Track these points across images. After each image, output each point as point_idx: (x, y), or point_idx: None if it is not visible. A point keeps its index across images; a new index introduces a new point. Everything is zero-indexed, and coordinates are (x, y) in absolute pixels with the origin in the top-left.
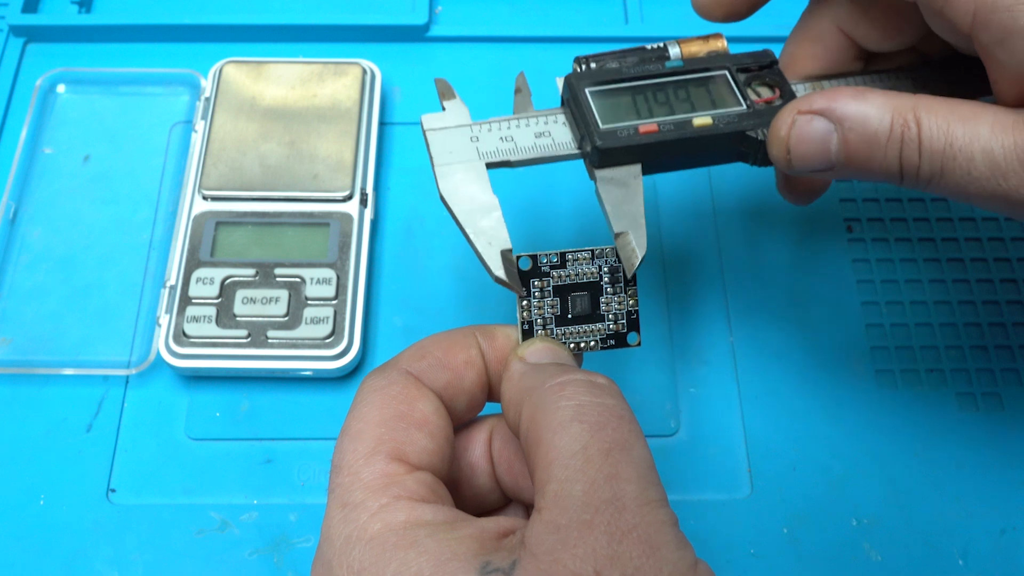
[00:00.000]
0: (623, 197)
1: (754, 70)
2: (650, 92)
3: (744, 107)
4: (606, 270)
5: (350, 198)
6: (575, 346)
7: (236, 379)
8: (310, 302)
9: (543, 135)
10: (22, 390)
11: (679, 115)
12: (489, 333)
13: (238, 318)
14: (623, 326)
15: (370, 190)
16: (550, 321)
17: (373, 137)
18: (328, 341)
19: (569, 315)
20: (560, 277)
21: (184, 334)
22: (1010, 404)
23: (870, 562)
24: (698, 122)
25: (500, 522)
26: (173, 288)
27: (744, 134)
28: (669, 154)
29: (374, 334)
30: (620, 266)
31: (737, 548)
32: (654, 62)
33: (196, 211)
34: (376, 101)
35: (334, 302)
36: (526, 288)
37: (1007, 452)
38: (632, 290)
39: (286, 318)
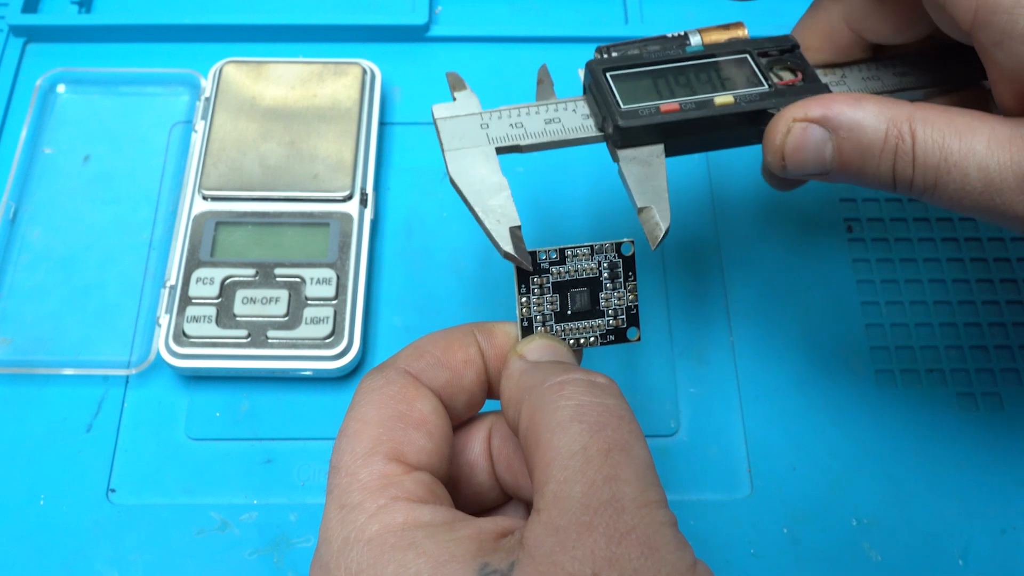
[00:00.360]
0: (646, 174)
1: (775, 54)
2: (671, 75)
3: (766, 87)
4: (605, 266)
5: (350, 198)
6: (575, 342)
7: (236, 379)
8: (310, 302)
9: (553, 121)
10: (22, 390)
11: (701, 95)
12: (488, 331)
13: (238, 318)
14: (623, 321)
15: (370, 190)
16: (550, 318)
17: (373, 137)
18: (328, 341)
19: (569, 311)
20: (559, 273)
21: (184, 334)
22: (1010, 404)
23: (870, 562)
24: (720, 100)
25: (499, 522)
26: (173, 288)
27: (766, 112)
28: (691, 133)
29: (374, 334)
30: (620, 261)
31: (737, 548)
32: (675, 49)
33: (196, 211)
34: (376, 101)
35: (334, 302)
36: (525, 285)
37: (1007, 452)
38: (632, 285)
39: (286, 318)
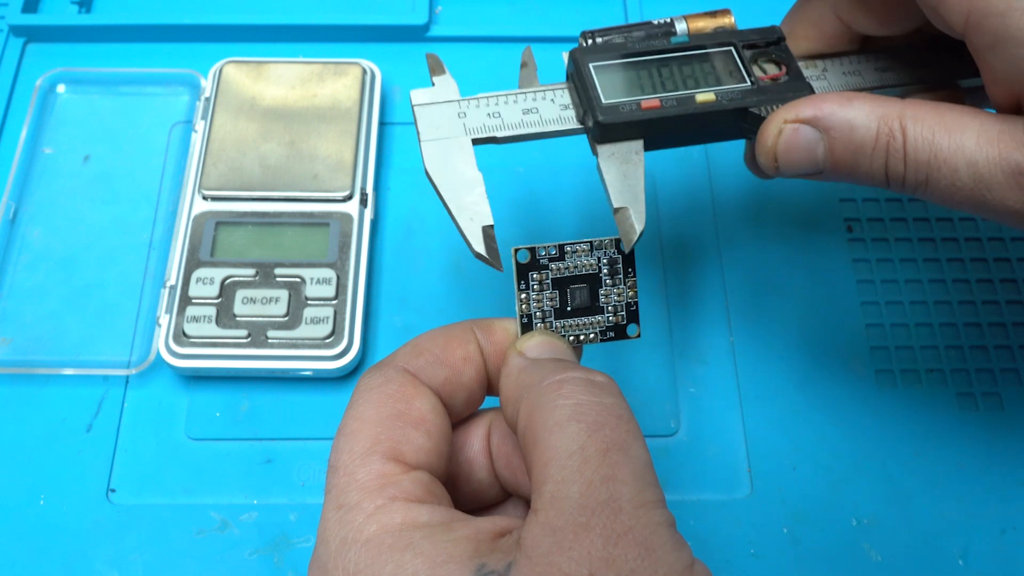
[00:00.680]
0: (624, 173)
1: (761, 46)
2: (654, 67)
3: (748, 84)
4: (605, 262)
5: (350, 198)
6: (574, 339)
7: (236, 379)
8: (310, 302)
9: (531, 111)
10: (22, 390)
11: (682, 91)
12: (487, 327)
13: (238, 318)
14: (623, 318)
15: (370, 190)
16: (549, 314)
17: (373, 137)
18: (328, 341)
19: (568, 308)
20: (559, 270)
21: (184, 334)
22: (1010, 404)
23: (870, 562)
24: (701, 98)
25: (497, 522)
26: (173, 288)
27: (747, 111)
28: (671, 130)
29: (374, 334)
30: (619, 257)
31: (737, 548)
32: (660, 37)
33: (196, 211)
34: (376, 101)
35: (334, 302)
36: (524, 282)
37: (1007, 452)
38: (631, 281)
39: (286, 318)
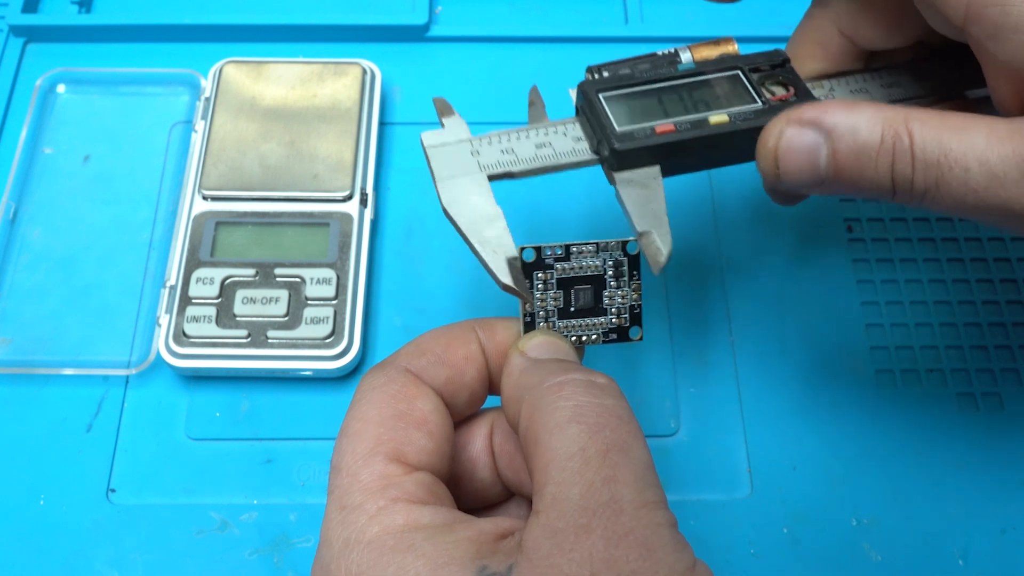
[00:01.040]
0: (644, 197)
1: (766, 70)
2: (664, 94)
3: (760, 104)
4: (611, 264)
5: (350, 198)
6: (577, 340)
7: (236, 379)
8: (310, 302)
9: (544, 146)
10: (22, 390)
11: (695, 114)
12: (489, 327)
13: (238, 318)
14: (626, 320)
15: (370, 190)
16: (552, 314)
17: (373, 137)
18: (328, 341)
19: (572, 308)
20: (564, 270)
21: (184, 334)
22: (1010, 404)
23: (870, 562)
24: (715, 120)
25: (499, 523)
26: (173, 288)
27: (761, 130)
28: (687, 153)
29: (374, 334)
30: (625, 260)
31: (737, 548)
32: (666, 67)
33: (196, 211)
34: (376, 101)
35: (334, 302)
36: (529, 280)
37: (1007, 452)
38: (636, 284)
39: (286, 318)
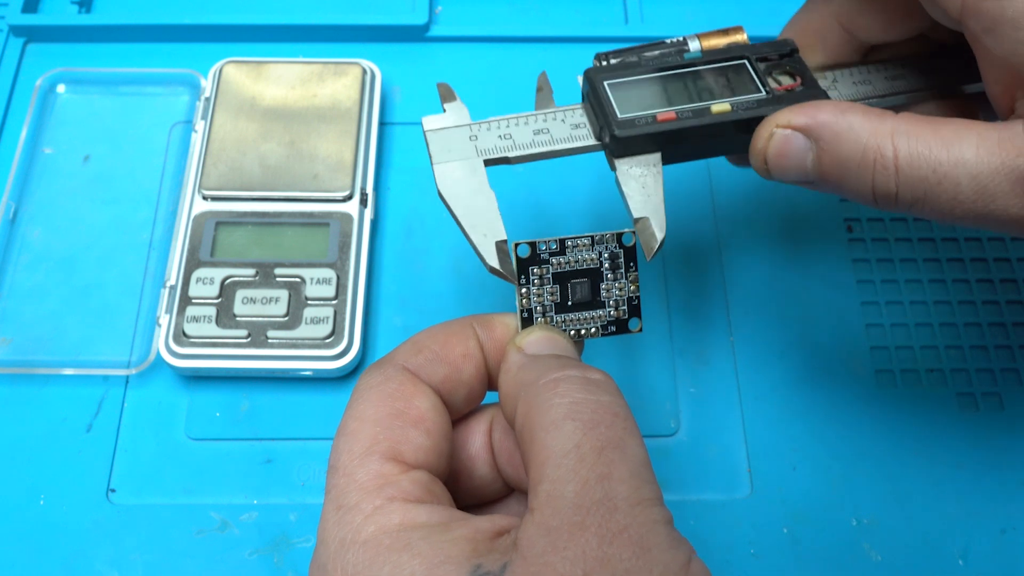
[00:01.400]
0: (643, 185)
1: (774, 59)
2: (669, 82)
3: (763, 93)
4: (606, 256)
5: (350, 198)
6: (575, 333)
7: (236, 379)
8: (310, 302)
9: (541, 132)
10: (22, 390)
11: (697, 102)
12: (487, 323)
13: (238, 318)
14: (624, 312)
15: (370, 190)
16: (550, 309)
17: (373, 137)
18: (328, 341)
19: (569, 302)
20: (560, 264)
21: (184, 334)
22: (1010, 404)
23: (870, 562)
24: (716, 108)
25: (496, 521)
26: (173, 288)
27: (763, 120)
28: (688, 141)
29: (374, 334)
30: (621, 252)
31: (737, 548)
32: (674, 55)
33: (196, 211)
34: (376, 101)
35: (334, 302)
36: (525, 276)
37: (1007, 452)
38: (633, 275)
39: (286, 318)
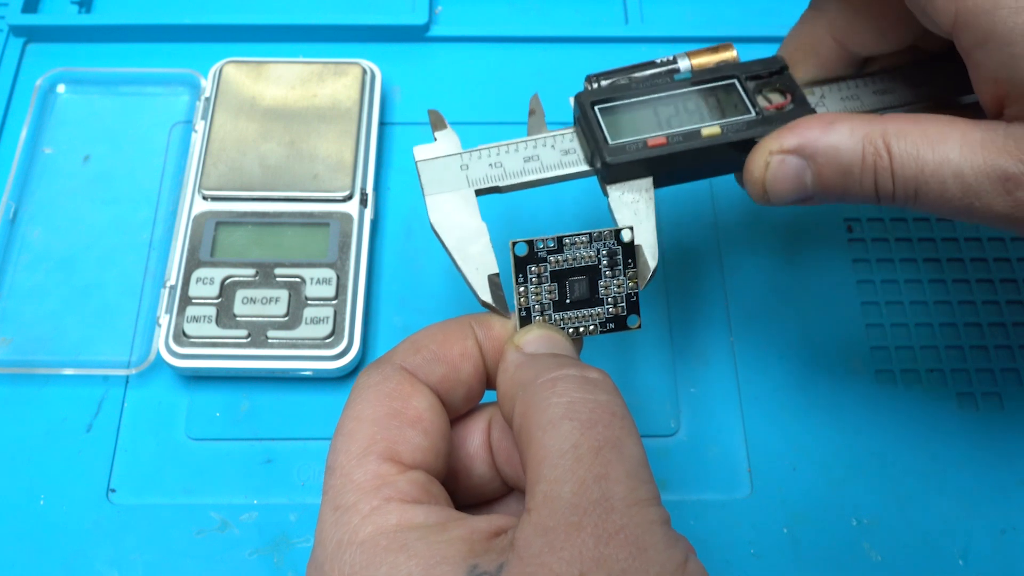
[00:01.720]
0: (635, 212)
1: (764, 77)
2: (659, 105)
3: (753, 114)
4: (604, 253)
5: (350, 198)
6: (574, 331)
7: (236, 379)
8: (310, 302)
9: (532, 159)
10: (22, 390)
11: (688, 126)
12: (485, 322)
13: (238, 318)
14: (623, 309)
15: (370, 190)
16: (548, 307)
17: (373, 137)
18: (328, 341)
19: (568, 300)
20: (557, 262)
21: (184, 334)
22: (1010, 404)
23: (870, 562)
24: (707, 132)
25: (493, 521)
26: (173, 288)
27: (753, 141)
28: (679, 165)
29: (374, 334)
30: (619, 248)
31: (737, 548)
32: (664, 76)
33: (196, 211)
34: (376, 101)
35: (334, 302)
36: (523, 274)
37: (1007, 452)
38: (631, 272)
39: (286, 318)
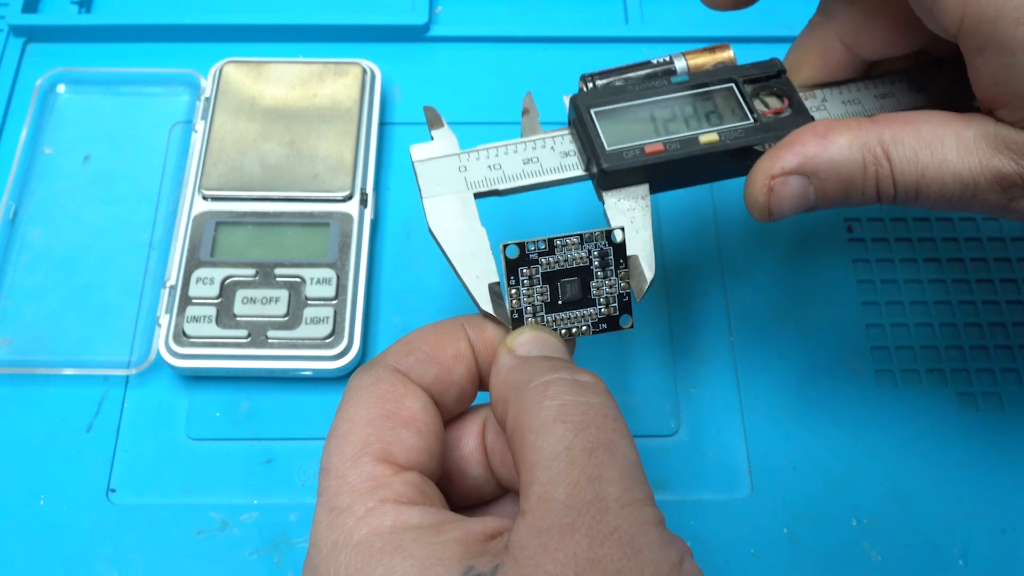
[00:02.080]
0: (631, 220)
1: (762, 80)
2: (656, 109)
3: (751, 121)
4: (596, 254)
5: (350, 198)
6: (566, 332)
7: (236, 379)
8: (310, 302)
9: (531, 161)
10: (22, 390)
11: (685, 132)
12: (478, 323)
13: (238, 318)
14: (615, 309)
15: (370, 190)
16: (540, 308)
17: (373, 137)
18: (328, 341)
19: (560, 301)
20: (549, 264)
21: (184, 334)
22: (1010, 404)
23: (870, 562)
24: (705, 139)
25: (488, 523)
26: (173, 288)
27: (751, 148)
28: (677, 172)
29: (374, 334)
30: (610, 249)
31: (737, 548)
32: (660, 77)
33: (196, 211)
34: (376, 101)
35: (334, 302)
36: (514, 277)
37: (1007, 452)
38: (623, 272)
39: (286, 318)
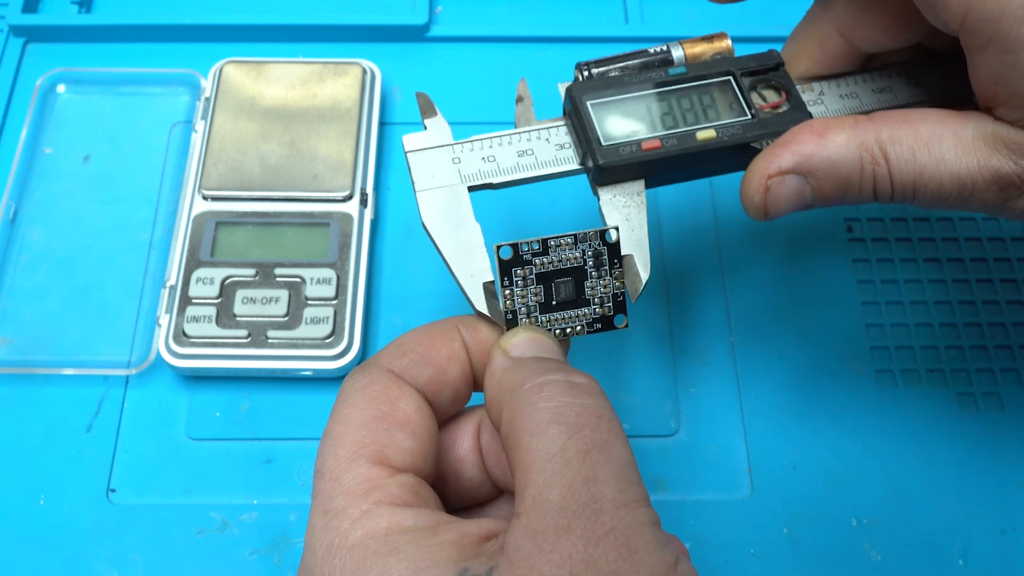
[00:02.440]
0: (627, 217)
1: (760, 72)
2: (653, 102)
3: (748, 116)
4: (590, 254)
5: (350, 198)
6: (561, 332)
7: (236, 379)
8: (310, 302)
9: (526, 153)
10: (22, 390)
11: (682, 128)
12: (472, 324)
13: (238, 318)
14: (609, 309)
15: (370, 190)
16: (534, 309)
17: (373, 137)
18: (328, 341)
19: (554, 302)
20: (543, 264)
21: (184, 334)
22: (1010, 404)
23: (870, 562)
24: (702, 135)
25: (483, 525)
26: (173, 288)
27: (749, 145)
28: (673, 168)
29: (374, 334)
30: (604, 249)
31: (737, 548)
32: (657, 67)
33: (196, 211)
34: (376, 101)
35: (334, 302)
36: (508, 278)
37: (1007, 452)
38: (618, 272)
39: (286, 318)
